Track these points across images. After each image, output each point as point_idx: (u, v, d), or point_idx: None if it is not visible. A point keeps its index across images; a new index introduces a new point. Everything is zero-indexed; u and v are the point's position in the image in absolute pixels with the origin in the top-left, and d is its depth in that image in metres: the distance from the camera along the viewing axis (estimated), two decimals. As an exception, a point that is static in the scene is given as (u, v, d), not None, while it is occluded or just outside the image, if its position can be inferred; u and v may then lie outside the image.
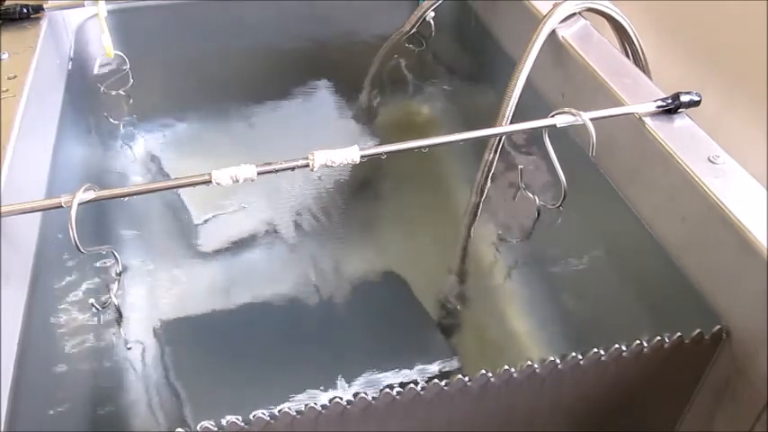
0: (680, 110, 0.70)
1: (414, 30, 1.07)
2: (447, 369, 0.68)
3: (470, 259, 0.81)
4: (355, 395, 0.52)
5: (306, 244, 0.80)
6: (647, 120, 0.70)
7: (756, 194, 0.61)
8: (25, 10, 0.88)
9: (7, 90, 0.74)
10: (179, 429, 0.48)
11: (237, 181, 0.60)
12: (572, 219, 0.76)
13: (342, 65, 1.08)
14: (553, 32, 0.82)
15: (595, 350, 0.56)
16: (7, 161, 0.65)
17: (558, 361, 0.55)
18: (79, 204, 0.57)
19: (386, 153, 0.64)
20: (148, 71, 1.00)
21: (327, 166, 0.62)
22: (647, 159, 0.69)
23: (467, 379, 0.54)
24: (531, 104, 0.82)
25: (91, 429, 0.62)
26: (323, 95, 1.02)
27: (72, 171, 0.84)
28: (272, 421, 0.51)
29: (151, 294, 0.74)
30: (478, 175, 0.83)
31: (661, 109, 0.70)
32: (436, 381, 0.53)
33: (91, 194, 0.58)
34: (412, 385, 0.53)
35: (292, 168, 0.61)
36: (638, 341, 0.57)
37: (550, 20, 0.81)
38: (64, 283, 0.70)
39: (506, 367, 0.54)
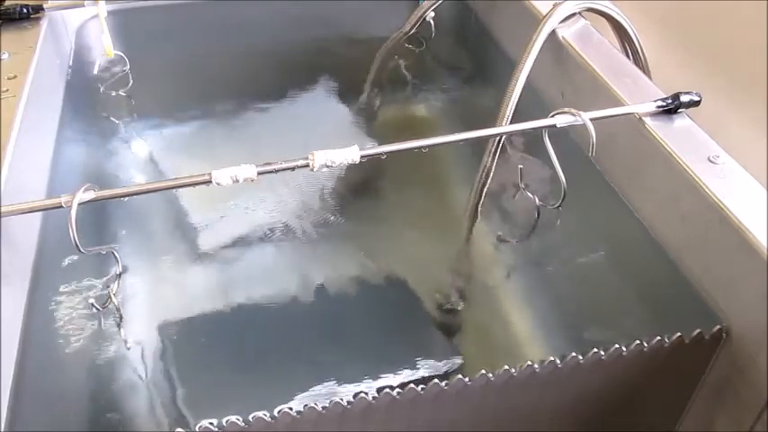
0: (680, 110, 0.70)
1: (414, 30, 1.07)
2: (447, 369, 0.68)
3: (470, 259, 0.81)
4: (355, 395, 0.52)
5: (306, 244, 0.80)
6: (647, 120, 0.70)
7: (756, 194, 0.61)
8: (25, 10, 0.88)
9: (7, 90, 0.74)
10: (179, 429, 0.48)
11: (237, 181, 0.60)
12: (572, 219, 0.76)
13: (342, 65, 1.08)
14: (553, 32, 0.82)
15: (595, 350, 0.56)
16: (7, 161, 0.65)
17: (558, 361, 0.55)
18: (79, 204, 0.57)
19: (386, 153, 0.64)
20: (148, 71, 1.00)
21: (327, 167, 0.62)
22: (647, 159, 0.69)
23: (467, 379, 0.54)
24: (531, 104, 0.82)
25: (91, 429, 0.62)
26: (323, 96, 1.02)
27: (72, 171, 0.84)
28: (272, 421, 0.51)
29: (151, 294, 0.74)
30: (478, 175, 0.83)
31: (661, 109, 0.70)
32: (436, 381, 0.53)
33: (91, 194, 0.58)
34: (412, 385, 0.52)
35: (292, 168, 0.61)
36: (638, 341, 0.57)
37: (550, 20, 0.81)
38: (64, 283, 0.70)
39: (506, 367, 0.54)
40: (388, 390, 0.52)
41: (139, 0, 1.01)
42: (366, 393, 0.52)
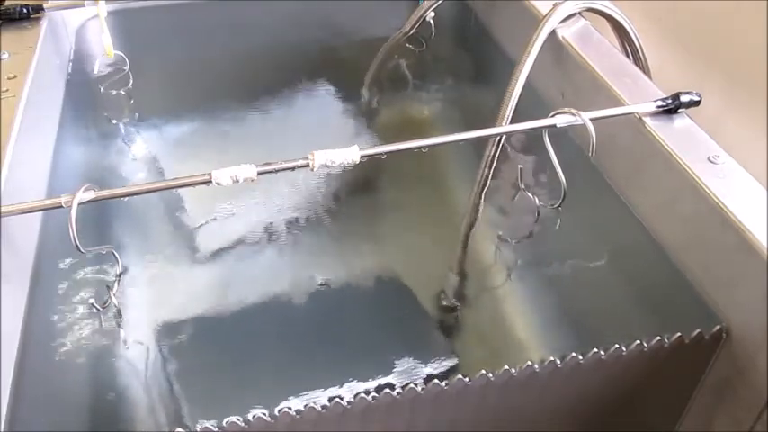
0: (680, 110, 0.70)
1: (414, 30, 1.07)
2: (447, 369, 0.68)
3: (470, 259, 0.81)
4: (355, 395, 0.52)
5: (306, 245, 0.80)
6: (647, 120, 0.70)
7: (756, 194, 0.61)
8: (25, 10, 0.88)
9: (7, 90, 0.74)
10: (179, 429, 0.48)
11: (237, 181, 0.60)
12: (572, 219, 0.76)
13: (342, 65, 1.08)
14: (553, 32, 0.82)
15: (595, 350, 0.56)
16: (7, 161, 0.65)
17: (558, 361, 0.55)
18: (79, 204, 0.57)
19: (386, 153, 0.64)
20: (148, 71, 1.00)
21: (327, 167, 0.62)
22: (647, 159, 0.69)
23: (467, 379, 0.54)
24: (531, 104, 0.82)
25: (91, 429, 0.62)
26: (323, 96, 1.02)
27: (72, 171, 0.84)
28: (272, 421, 0.51)
29: (151, 295, 0.74)
30: (478, 176, 0.83)
31: (661, 109, 0.70)
32: (436, 381, 0.53)
33: (91, 194, 0.58)
34: (412, 385, 0.52)
35: (292, 168, 0.61)
36: (638, 341, 0.57)
37: (550, 20, 0.81)
38: (64, 283, 0.70)
39: (506, 367, 0.54)
40: (388, 390, 0.52)
41: (139, 0, 1.01)
42: (366, 394, 0.52)
